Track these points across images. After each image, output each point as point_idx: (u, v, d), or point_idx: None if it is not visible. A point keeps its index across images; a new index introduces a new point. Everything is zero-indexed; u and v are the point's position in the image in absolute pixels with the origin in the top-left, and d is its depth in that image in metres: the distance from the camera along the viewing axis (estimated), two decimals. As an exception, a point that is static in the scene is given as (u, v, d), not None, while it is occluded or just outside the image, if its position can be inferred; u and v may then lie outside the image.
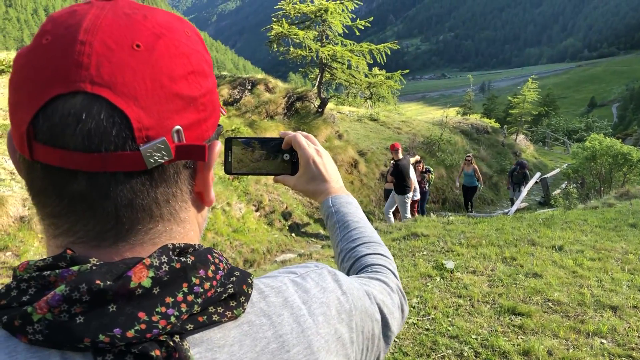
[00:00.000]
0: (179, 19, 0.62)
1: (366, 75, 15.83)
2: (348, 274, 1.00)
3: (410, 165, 10.81)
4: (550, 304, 5.13)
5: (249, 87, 15.00)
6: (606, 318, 4.76)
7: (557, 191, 16.91)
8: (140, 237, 0.58)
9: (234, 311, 0.60)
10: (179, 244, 0.59)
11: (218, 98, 0.66)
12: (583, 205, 11.47)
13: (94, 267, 0.52)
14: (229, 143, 1.05)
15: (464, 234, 7.64)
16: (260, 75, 16.74)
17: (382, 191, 15.03)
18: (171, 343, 0.53)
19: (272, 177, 1.08)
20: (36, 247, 6.33)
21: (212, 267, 0.59)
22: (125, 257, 0.56)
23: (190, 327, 0.56)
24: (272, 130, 13.87)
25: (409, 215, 10.54)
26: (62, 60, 0.52)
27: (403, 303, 0.95)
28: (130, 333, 0.51)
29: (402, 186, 10.52)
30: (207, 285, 0.57)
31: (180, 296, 0.55)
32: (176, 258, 0.56)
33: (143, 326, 0.51)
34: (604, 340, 4.37)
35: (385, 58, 15.43)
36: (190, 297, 0.55)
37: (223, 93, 14.67)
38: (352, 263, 1.01)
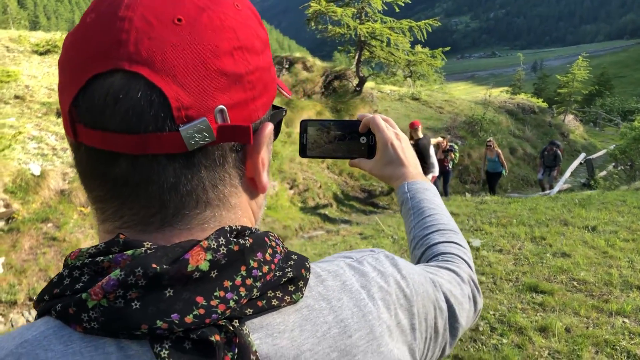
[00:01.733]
0: None
1: (407, 53, 15.58)
2: (419, 261, 0.97)
3: (432, 146, 10.26)
4: (575, 282, 5.06)
5: (287, 66, 15.08)
6: (632, 298, 4.66)
7: (603, 173, 16.37)
8: (187, 222, 0.55)
9: (293, 296, 0.58)
10: (236, 226, 0.56)
11: (274, 77, 0.63)
12: (627, 186, 11.10)
13: (148, 251, 0.50)
14: (303, 125, 1.03)
15: (495, 213, 7.57)
16: (298, 54, 16.77)
17: (420, 171, 14.90)
18: (231, 328, 0.51)
19: (347, 160, 1.07)
20: (75, 220, 6.65)
21: (270, 250, 0.57)
22: (173, 242, 0.53)
23: (249, 311, 0.53)
24: (310, 109, 13.91)
25: None
26: (102, 38, 0.50)
27: (476, 295, 0.90)
28: (189, 318, 0.48)
29: (422, 168, 10.09)
30: (265, 268, 0.55)
31: (238, 280, 0.52)
32: (234, 240, 0.54)
33: (202, 311, 0.49)
34: (626, 320, 4.30)
35: (425, 35, 15.17)
36: (249, 281, 0.53)
37: (261, 72, 14.80)
38: (424, 250, 0.97)
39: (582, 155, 16.85)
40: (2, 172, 6.35)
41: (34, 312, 5.16)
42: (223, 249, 0.52)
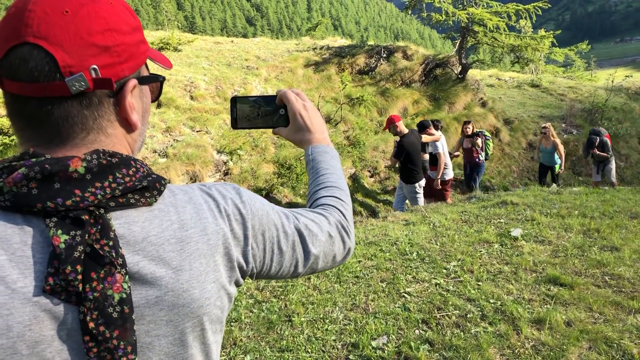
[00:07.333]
0: None
1: (516, 37, 14.74)
2: None
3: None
4: (607, 278, 4.66)
5: (385, 55, 14.96)
6: (665, 297, 4.21)
7: None
8: (77, 143, 0.79)
9: (148, 199, 0.81)
10: (110, 150, 0.79)
11: (144, 51, 0.87)
12: None
13: (45, 158, 0.74)
14: (233, 102, 1.19)
15: (560, 203, 7.06)
16: (401, 43, 16.58)
17: (526, 162, 14.04)
18: (97, 213, 0.74)
19: (277, 130, 1.23)
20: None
21: (133, 169, 0.81)
22: (66, 156, 0.76)
23: (112, 204, 0.76)
24: (406, 97, 13.78)
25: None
26: (17, 22, 0.75)
27: (344, 236, 1.10)
28: (69, 202, 0.72)
29: (409, 172, 7.95)
30: (127, 179, 0.78)
31: (106, 183, 0.76)
32: (103, 157, 0.77)
33: (77, 199, 0.73)
34: (644, 319, 3.92)
35: (534, 18, 14.28)
36: (113, 185, 0.76)
37: (359, 62, 14.84)
38: (311, 204, 1.16)
39: None
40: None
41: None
42: (95, 161, 0.75)
